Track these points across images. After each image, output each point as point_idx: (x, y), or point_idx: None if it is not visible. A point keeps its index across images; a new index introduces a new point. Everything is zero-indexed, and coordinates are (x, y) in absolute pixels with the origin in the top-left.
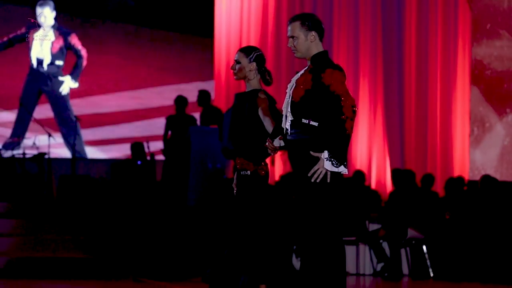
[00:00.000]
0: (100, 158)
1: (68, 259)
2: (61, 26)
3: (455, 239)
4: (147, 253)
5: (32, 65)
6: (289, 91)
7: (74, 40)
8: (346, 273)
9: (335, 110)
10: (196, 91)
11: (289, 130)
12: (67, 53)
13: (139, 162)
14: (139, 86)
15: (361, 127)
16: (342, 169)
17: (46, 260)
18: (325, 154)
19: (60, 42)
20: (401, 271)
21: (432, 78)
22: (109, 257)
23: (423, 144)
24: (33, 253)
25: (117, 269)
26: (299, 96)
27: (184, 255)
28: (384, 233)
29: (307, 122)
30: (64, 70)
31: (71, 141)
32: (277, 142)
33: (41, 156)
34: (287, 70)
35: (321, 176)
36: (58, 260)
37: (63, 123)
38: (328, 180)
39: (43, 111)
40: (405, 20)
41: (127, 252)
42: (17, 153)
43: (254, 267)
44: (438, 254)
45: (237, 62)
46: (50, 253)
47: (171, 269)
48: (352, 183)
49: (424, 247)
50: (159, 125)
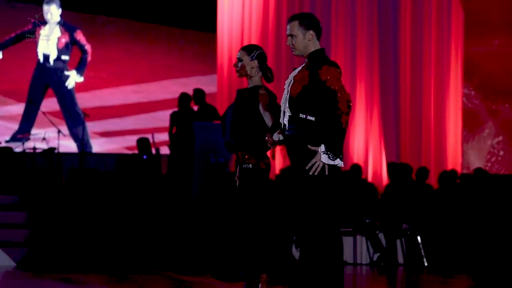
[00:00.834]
0: (108, 153)
1: (80, 251)
2: (67, 23)
3: (449, 230)
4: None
5: (39, 60)
6: (287, 87)
7: (79, 36)
8: (344, 263)
9: (331, 105)
10: (197, 84)
11: (287, 125)
12: (73, 49)
13: (145, 157)
14: (142, 80)
15: (358, 122)
16: (338, 162)
17: (59, 252)
18: (322, 148)
19: (66, 38)
20: (397, 261)
21: (426, 75)
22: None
23: (418, 139)
24: (46, 245)
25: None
26: (297, 92)
27: (193, 248)
28: (380, 224)
29: (305, 117)
30: (70, 65)
31: (79, 135)
32: (276, 137)
33: (51, 151)
34: (287, 67)
35: (319, 169)
36: (71, 252)
37: (69, 116)
38: (327, 173)
39: (50, 105)
40: (400, 20)
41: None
42: (28, 148)
43: (256, 257)
44: (432, 245)
45: (240, 60)
46: (62, 245)
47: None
48: (349, 176)
49: (419, 238)
50: (162, 118)
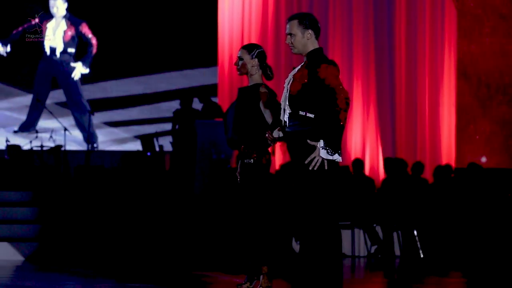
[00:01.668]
0: (113, 150)
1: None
2: (73, 16)
3: (444, 223)
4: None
5: (46, 53)
6: (287, 86)
7: (85, 29)
8: (342, 255)
9: (330, 102)
10: (200, 76)
11: (287, 123)
12: (78, 41)
13: (149, 154)
14: (146, 72)
15: (355, 119)
16: (337, 157)
17: (66, 247)
18: (321, 143)
19: (72, 31)
20: (394, 253)
21: (421, 73)
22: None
23: (413, 135)
24: (54, 240)
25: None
26: (296, 90)
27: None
28: (378, 218)
29: (304, 114)
30: (76, 57)
31: (85, 125)
32: (276, 133)
33: (58, 149)
34: (286, 66)
35: (318, 164)
36: (78, 247)
37: (75, 107)
38: (326, 168)
39: (56, 96)
40: (395, 20)
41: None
42: (35, 146)
43: (257, 250)
44: (428, 237)
45: (240, 59)
46: (69, 241)
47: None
48: (351, 170)
49: (415, 231)
50: (165, 109)
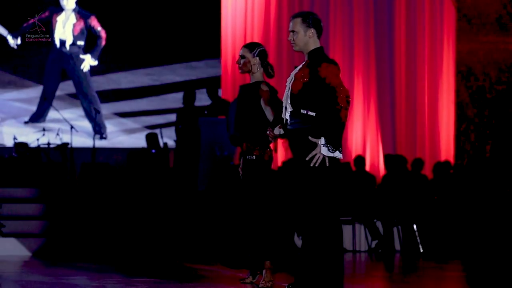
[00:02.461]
0: (118, 147)
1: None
2: (82, 9)
3: (443, 218)
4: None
5: (55, 45)
6: (289, 84)
7: (94, 22)
8: (344, 250)
9: (331, 101)
10: (205, 68)
11: (289, 121)
12: (87, 34)
13: (153, 151)
14: (153, 64)
15: (356, 116)
16: (337, 154)
17: (74, 243)
18: (322, 141)
19: (81, 24)
20: (394, 248)
21: (420, 72)
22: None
23: (413, 132)
24: (60, 235)
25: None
26: (298, 89)
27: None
28: (378, 213)
29: (305, 113)
30: (85, 50)
31: (94, 116)
32: (277, 131)
33: (65, 146)
34: (288, 64)
35: (319, 161)
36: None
37: (84, 98)
38: (327, 164)
39: (65, 87)
40: (395, 19)
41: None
42: (43, 144)
43: (259, 245)
44: (428, 232)
45: (242, 57)
46: (75, 236)
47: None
48: (353, 167)
49: (415, 226)
50: (171, 100)
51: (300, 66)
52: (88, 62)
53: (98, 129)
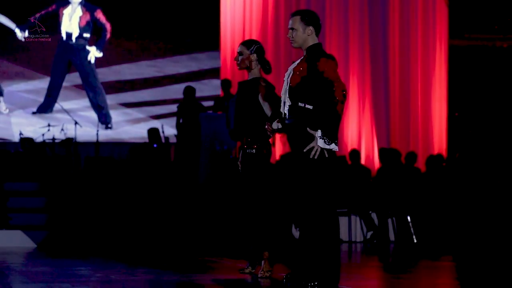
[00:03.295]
0: (121, 142)
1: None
2: (88, 3)
3: (436, 210)
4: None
5: (62, 38)
6: (287, 79)
7: (99, 15)
8: (340, 241)
9: (328, 94)
10: (207, 59)
11: (287, 115)
12: (93, 26)
13: (155, 145)
14: (156, 56)
15: (352, 111)
16: (333, 147)
17: (78, 234)
18: (319, 133)
19: (87, 17)
20: (388, 238)
21: (413, 68)
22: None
23: (406, 126)
24: (66, 228)
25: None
26: (296, 83)
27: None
28: (373, 205)
29: (303, 106)
30: (90, 42)
31: (101, 106)
32: (275, 125)
33: (69, 141)
34: (285, 60)
35: (317, 153)
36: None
37: (90, 89)
38: (326, 155)
39: (72, 79)
40: (389, 17)
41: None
42: (48, 139)
43: (258, 236)
44: (421, 223)
45: (240, 54)
46: (80, 228)
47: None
48: (349, 160)
49: (408, 217)
50: (174, 91)
51: (298, 61)
52: (93, 54)
53: (104, 120)
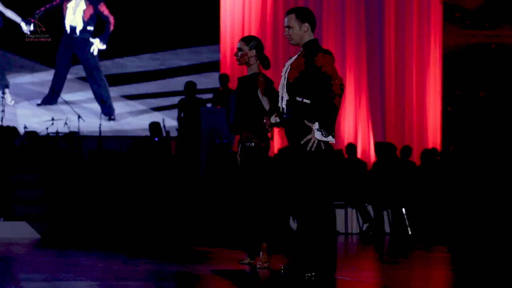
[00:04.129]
0: (123, 136)
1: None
2: None
3: (430, 203)
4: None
5: (66, 31)
6: (284, 74)
7: (103, 8)
8: (336, 232)
9: (326, 88)
10: (207, 53)
11: (285, 109)
12: (96, 19)
13: (156, 139)
14: (158, 49)
15: (348, 106)
16: (330, 139)
17: (80, 226)
18: (316, 125)
19: (91, 10)
20: (384, 230)
21: (409, 63)
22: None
23: (401, 121)
24: (68, 219)
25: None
26: (294, 78)
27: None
28: (369, 198)
29: (301, 100)
30: (94, 34)
31: (103, 98)
32: (273, 119)
33: (72, 135)
34: (284, 56)
35: (314, 146)
36: (90, 226)
37: (93, 81)
38: (323, 147)
39: (76, 71)
40: (385, 14)
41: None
42: (52, 132)
43: (257, 228)
44: (415, 216)
45: (239, 50)
46: (83, 220)
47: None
48: (346, 154)
49: (403, 210)
50: (175, 83)
51: (296, 57)
52: (97, 46)
53: (107, 111)
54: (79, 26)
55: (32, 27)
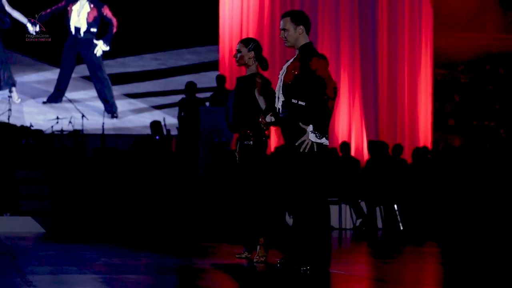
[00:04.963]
0: (125, 134)
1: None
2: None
3: (421, 199)
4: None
5: (71, 32)
6: (281, 76)
7: (106, 11)
8: (331, 228)
9: (320, 91)
10: (206, 53)
11: (281, 109)
12: (100, 22)
13: (157, 137)
14: (159, 49)
15: (342, 106)
16: (324, 141)
17: (84, 221)
18: (310, 128)
19: (94, 13)
20: (376, 226)
21: (401, 65)
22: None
23: (393, 120)
24: (73, 214)
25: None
26: (290, 80)
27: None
28: (362, 194)
29: (296, 102)
30: (97, 36)
31: (106, 97)
32: (269, 118)
33: (76, 133)
34: (280, 57)
35: (308, 147)
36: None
37: (97, 80)
38: (315, 149)
39: (80, 70)
40: (378, 16)
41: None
42: (56, 130)
43: (254, 223)
44: (407, 211)
45: (238, 51)
46: (86, 215)
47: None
48: (340, 152)
49: (395, 206)
50: (175, 82)
51: (292, 60)
52: (101, 48)
53: (110, 109)
54: (83, 28)
55: (38, 28)
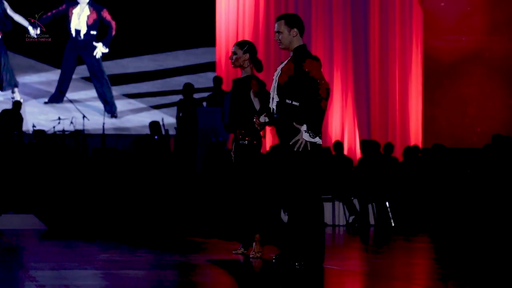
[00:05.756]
0: (125, 134)
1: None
2: (95, 3)
3: (412, 196)
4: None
5: (71, 35)
6: (276, 78)
7: (106, 14)
8: (324, 224)
9: (313, 92)
10: (203, 54)
11: (275, 110)
12: (99, 24)
13: (156, 137)
14: (157, 51)
15: (335, 106)
16: (317, 140)
17: (84, 219)
18: (304, 127)
19: (94, 16)
20: (369, 222)
21: (392, 66)
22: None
23: (385, 119)
24: (74, 213)
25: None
26: (284, 81)
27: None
28: (355, 192)
29: (290, 103)
30: (97, 38)
31: (106, 97)
32: (263, 119)
33: (78, 133)
34: (275, 59)
35: (302, 146)
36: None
37: (97, 81)
38: (309, 148)
39: (80, 71)
40: (370, 19)
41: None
42: (58, 131)
43: (250, 221)
44: (398, 209)
45: (234, 53)
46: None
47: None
48: (333, 151)
49: (387, 203)
50: (173, 83)
51: (286, 62)
52: (100, 50)
53: (110, 109)
54: (83, 30)
55: (39, 31)
